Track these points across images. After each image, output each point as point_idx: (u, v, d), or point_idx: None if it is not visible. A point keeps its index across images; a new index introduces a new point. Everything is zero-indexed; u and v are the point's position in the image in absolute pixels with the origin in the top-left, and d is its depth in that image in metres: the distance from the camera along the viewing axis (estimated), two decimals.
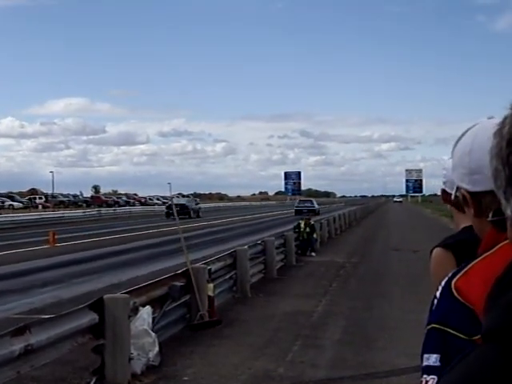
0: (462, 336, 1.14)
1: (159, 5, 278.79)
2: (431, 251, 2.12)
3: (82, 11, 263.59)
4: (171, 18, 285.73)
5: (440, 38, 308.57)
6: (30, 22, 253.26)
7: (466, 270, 1.23)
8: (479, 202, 1.52)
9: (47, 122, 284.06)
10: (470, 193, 1.59)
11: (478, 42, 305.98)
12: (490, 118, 1.63)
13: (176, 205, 49.75)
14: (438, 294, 1.24)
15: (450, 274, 1.25)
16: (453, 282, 1.22)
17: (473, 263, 1.24)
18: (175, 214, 13.67)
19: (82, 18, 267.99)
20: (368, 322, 10.64)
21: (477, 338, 1.08)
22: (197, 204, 63.26)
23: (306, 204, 67.93)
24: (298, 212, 59.81)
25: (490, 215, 1.72)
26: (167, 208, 55.56)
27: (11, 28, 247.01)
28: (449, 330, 1.17)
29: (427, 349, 1.18)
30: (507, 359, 0.82)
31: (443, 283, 1.24)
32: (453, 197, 1.91)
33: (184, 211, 53.59)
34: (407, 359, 8.07)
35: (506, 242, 1.09)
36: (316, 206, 66.86)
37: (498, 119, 0.95)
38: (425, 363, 1.17)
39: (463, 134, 1.81)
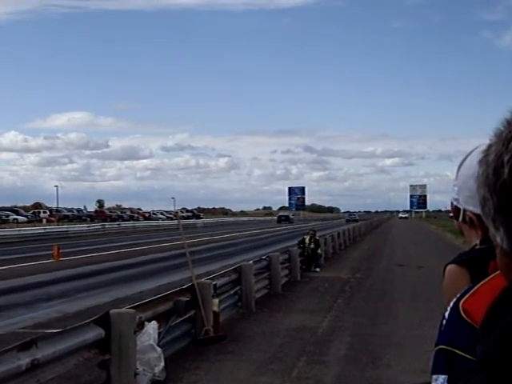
0: (469, 357, 1.15)
1: (163, 19, 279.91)
2: (444, 268, 2.09)
3: (85, 26, 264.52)
4: (175, 33, 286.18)
5: (444, 53, 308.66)
6: (33, 35, 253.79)
7: (473, 290, 1.25)
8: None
9: (50, 137, 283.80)
10: (476, 215, 1.61)
11: (483, 58, 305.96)
12: None
13: (283, 216, 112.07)
14: (446, 314, 1.26)
15: (458, 295, 1.27)
16: (461, 303, 1.24)
17: (480, 284, 1.25)
18: (179, 226, 13.75)
19: (86, 33, 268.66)
20: (373, 339, 10.62)
21: None
22: (293, 215, 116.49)
23: (352, 216, 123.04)
24: (348, 220, 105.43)
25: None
26: (278, 217, 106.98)
27: (15, 41, 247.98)
28: (456, 351, 1.19)
29: (435, 370, 1.21)
30: None
31: (451, 304, 1.26)
32: (460, 219, 1.90)
33: (287, 219, 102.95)
34: (412, 376, 8.06)
35: None
36: (357, 216, 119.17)
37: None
38: None
39: (466, 157, 1.82)
